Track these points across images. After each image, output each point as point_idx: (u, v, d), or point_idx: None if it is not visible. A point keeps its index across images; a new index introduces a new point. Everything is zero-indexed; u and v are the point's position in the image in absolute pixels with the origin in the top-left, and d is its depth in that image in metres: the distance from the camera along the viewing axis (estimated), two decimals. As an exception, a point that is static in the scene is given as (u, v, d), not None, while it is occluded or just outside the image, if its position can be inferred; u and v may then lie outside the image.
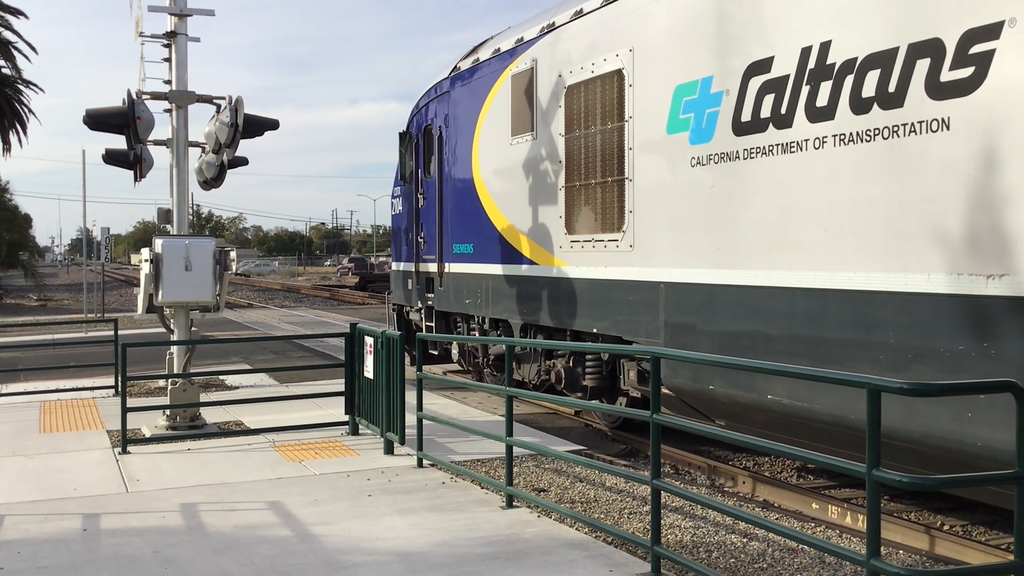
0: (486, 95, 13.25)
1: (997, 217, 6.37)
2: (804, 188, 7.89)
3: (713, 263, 8.89)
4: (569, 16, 11.32)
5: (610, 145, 10.41)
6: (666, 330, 9.55)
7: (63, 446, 10.45)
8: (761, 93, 8.32)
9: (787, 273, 8.04)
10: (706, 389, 9.05)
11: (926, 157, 6.82)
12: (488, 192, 13.20)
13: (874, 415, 4.54)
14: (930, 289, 6.79)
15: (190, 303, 11.26)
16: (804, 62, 7.88)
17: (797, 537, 5.24)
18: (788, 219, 8.04)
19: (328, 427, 11.08)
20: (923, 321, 6.85)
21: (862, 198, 7.33)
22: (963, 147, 6.57)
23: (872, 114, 7.23)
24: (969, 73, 6.52)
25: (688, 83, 9.20)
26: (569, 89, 11.15)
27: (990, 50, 6.39)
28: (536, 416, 12.61)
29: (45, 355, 18.83)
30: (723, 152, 8.74)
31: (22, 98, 35.50)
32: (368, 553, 6.68)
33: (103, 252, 31.65)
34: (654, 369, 6.17)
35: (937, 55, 6.74)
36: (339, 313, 33.60)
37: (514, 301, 12.53)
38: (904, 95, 6.96)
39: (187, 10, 11.38)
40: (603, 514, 7.90)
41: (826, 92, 7.64)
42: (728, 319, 8.74)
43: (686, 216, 9.25)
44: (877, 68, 7.20)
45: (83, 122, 11.23)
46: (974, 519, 8.16)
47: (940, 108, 6.71)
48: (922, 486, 4.69)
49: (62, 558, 6.63)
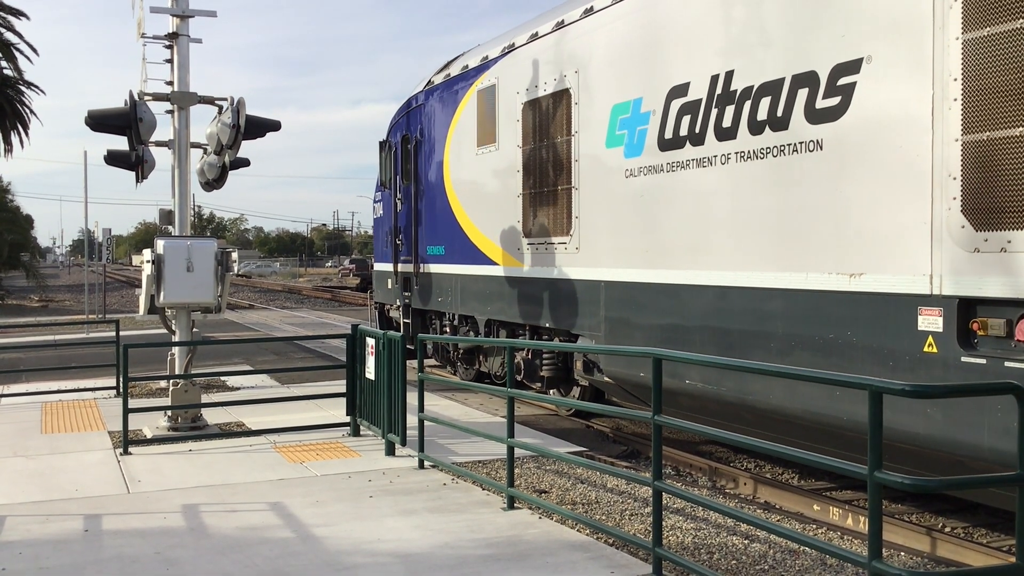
0: (455, 108, 14.39)
1: (856, 224, 7.47)
2: (714, 198, 8.97)
3: (643, 264, 10.00)
4: (526, 38, 12.41)
5: (560, 157, 11.53)
6: (606, 324, 10.66)
7: (64, 447, 10.46)
8: (680, 114, 9.40)
9: (701, 273, 9.14)
10: (638, 376, 10.11)
11: (804, 173, 7.95)
12: (457, 198, 14.30)
13: (875, 416, 4.54)
14: (807, 286, 7.93)
15: (191, 304, 11.26)
16: (713, 88, 8.97)
17: (798, 539, 5.24)
18: (702, 225, 9.12)
19: (329, 428, 11.08)
20: (802, 313, 7.99)
21: (757, 208, 8.44)
22: (832, 165, 7.67)
23: (765, 135, 8.34)
24: (837, 101, 7.61)
25: (623, 103, 10.30)
26: (526, 105, 12.28)
27: (853, 82, 7.46)
28: (537, 417, 12.61)
29: (47, 356, 18.85)
30: (651, 165, 9.85)
31: (24, 99, 35.54)
32: (369, 554, 6.68)
33: (105, 253, 31.65)
34: (655, 371, 6.16)
35: (813, 85, 7.85)
36: (340, 314, 33.61)
37: (480, 299, 13.64)
38: (789, 119, 8.08)
39: (189, 11, 11.39)
40: (604, 515, 7.90)
41: (730, 115, 8.74)
42: (656, 314, 9.84)
43: (622, 222, 10.34)
44: (769, 95, 8.30)
45: (85, 123, 11.24)
46: (975, 521, 8.16)
47: (815, 131, 7.82)
48: (923, 488, 4.68)
49: (64, 559, 6.64)
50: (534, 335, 12.58)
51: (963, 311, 6.68)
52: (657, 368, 6.15)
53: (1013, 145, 6.31)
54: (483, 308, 13.57)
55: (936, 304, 6.81)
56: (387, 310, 17.96)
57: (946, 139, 6.74)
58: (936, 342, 6.82)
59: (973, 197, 6.57)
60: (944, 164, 6.75)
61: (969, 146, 6.59)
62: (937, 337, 6.81)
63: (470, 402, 13.44)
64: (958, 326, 6.67)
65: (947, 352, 6.77)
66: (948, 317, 6.73)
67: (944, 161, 6.75)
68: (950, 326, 6.71)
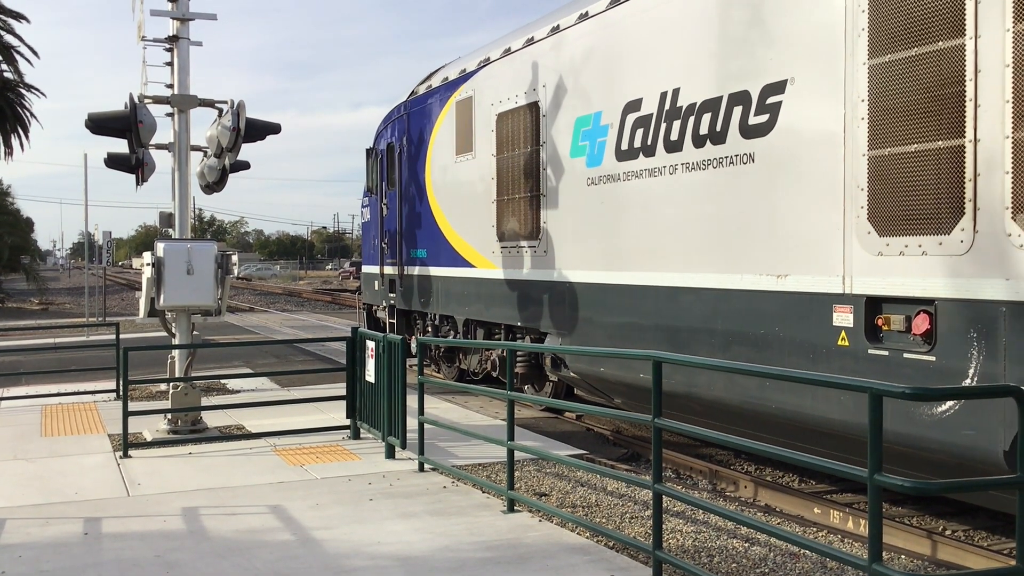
0: (436, 118, 15.20)
1: (783, 230, 8.17)
2: (664, 206, 9.70)
3: (604, 266, 10.70)
4: (500, 53, 13.20)
5: (529, 165, 12.27)
6: (572, 323, 11.34)
7: (64, 450, 10.46)
8: (635, 127, 10.10)
9: (654, 274, 9.84)
10: (598, 371, 10.88)
11: (740, 183, 8.63)
12: (438, 204, 15.10)
13: (875, 419, 4.54)
14: (742, 286, 8.62)
15: (191, 307, 11.25)
16: (663, 104, 9.68)
17: (799, 542, 5.23)
18: (654, 231, 9.85)
19: (329, 431, 11.08)
20: (738, 311, 8.67)
21: (700, 215, 9.16)
22: (763, 176, 8.38)
23: (706, 148, 9.04)
24: (766, 118, 8.32)
25: (585, 116, 11.05)
26: (499, 116, 13.04)
27: (779, 101, 8.19)
28: (537, 420, 12.61)
29: (47, 359, 18.83)
30: (609, 175, 10.56)
31: (24, 102, 35.56)
32: (369, 557, 6.68)
33: (105, 256, 31.66)
34: (655, 374, 6.16)
35: (746, 104, 8.55)
36: (340, 317, 33.60)
37: (458, 300, 14.41)
38: (726, 134, 8.77)
39: (189, 14, 11.39)
40: (604, 518, 7.90)
41: (677, 129, 9.45)
42: (616, 313, 10.50)
43: (585, 227, 11.09)
44: (709, 112, 9.00)
45: (85, 126, 11.24)
46: (976, 524, 8.15)
47: (748, 145, 8.53)
48: (923, 490, 4.69)
49: (63, 562, 6.63)
50: (508, 333, 13.20)
51: (870, 308, 7.35)
52: (657, 371, 6.15)
53: (909, 160, 6.99)
54: (461, 309, 14.29)
55: (848, 302, 7.53)
56: (374, 310, 18.79)
57: (855, 154, 7.43)
58: (848, 336, 7.53)
59: (877, 206, 7.26)
60: (854, 176, 7.44)
61: (873, 160, 7.27)
62: (848, 332, 7.52)
63: (470, 405, 13.43)
64: (866, 322, 7.36)
65: (857, 345, 7.43)
66: (857, 314, 7.43)
67: (854, 173, 7.44)
68: (859, 322, 7.41)
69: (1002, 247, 6.39)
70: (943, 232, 6.76)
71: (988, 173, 6.45)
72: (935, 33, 6.77)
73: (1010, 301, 6.34)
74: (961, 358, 6.67)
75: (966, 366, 6.63)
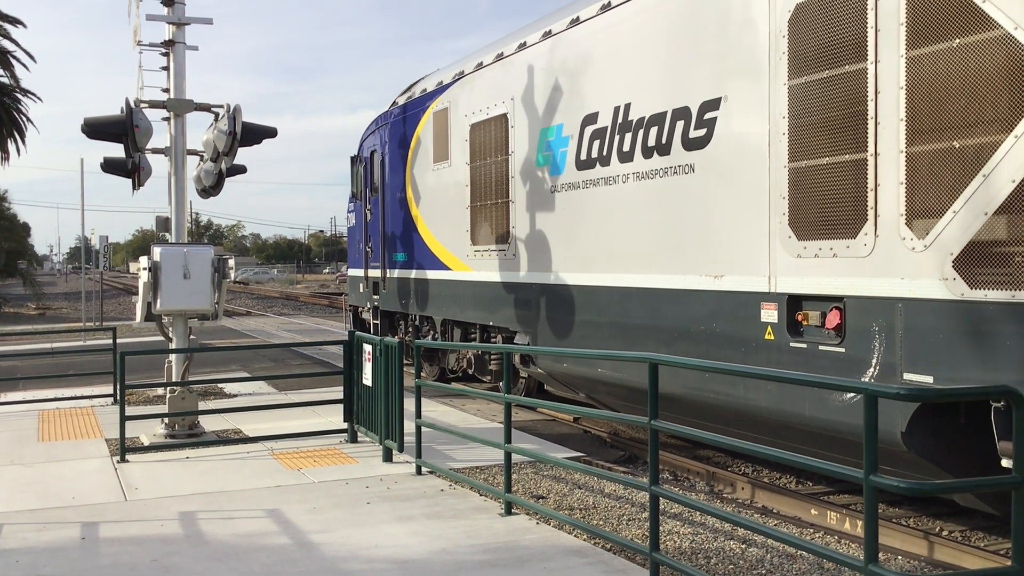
0: (416, 127, 15.93)
1: (719, 234, 8.88)
2: (618, 212, 10.42)
3: (567, 268, 11.47)
4: (473, 67, 13.95)
5: (499, 173, 13.00)
6: (539, 322, 12.10)
7: (61, 455, 10.45)
8: (592, 138, 10.83)
9: (610, 276, 10.58)
10: (561, 367, 11.71)
11: (682, 191, 9.39)
12: (417, 209, 15.86)
13: (871, 420, 4.56)
14: (685, 286, 9.37)
15: (188, 311, 11.25)
16: (616, 117, 10.40)
17: (795, 543, 5.24)
18: (610, 235, 10.58)
19: (326, 435, 11.07)
20: (681, 310, 9.42)
21: (649, 220, 9.89)
22: (702, 185, 9.14)
23: (654, 159, 9.78)
24: (704, 132, 9.06)
25: (548, 127, 11.79)
26: (473, 126, 13.74)
27: (715, 116, 8.93)
28: (535, 423, 12.61)
29: (44, 364, 18.80)
30: (570, 183, 11.30)
31: (20, 107, 35.57)
32: (367, 561, 6.68)
33: (102, 260, 31.66)
34: (652, 376, 6.17)
35: (687, 118, 9.29)
36: (338, 321, 33.56)
37: (436, 302, 15.12)
38: (671, 145, 9.52)
39: (185, 19, 11.39)
40: (602, 520, 7.91)
41: (628, 140, 10.16)
42: (579, 312, 11.24)
43: (549, 231, 11.83)
44: (656, 125, 9.74)
45: (81, 131, 11.24)
46: (973, 524, 8.17)
47: (689, 157, 9.28)
48: (919, 491, 4.71)
49: (61, 567, 6.63)
50: (483, 333, 13.87)
51: (791, 306, 8.07)
52: (653, 373, 6.16)
53: (822, 171, 7.71)
54: (439, 310, 15.04)
55: (773, 300, 8.25)
56: (360, 312, 19.64)
57: (778, 165, 8.14)
58: (773, 331, 8.25)
59: (796, 213, 7.99)
60: (777, 186, 8.17)
61: (793, 171, 7.99)
62: (774, 327, 8.24)
63: (467, 408, 13.44)
64: (788, 318, 8.08)
65: (781, 339, 8.15)
66: (781, 310, 8.15)
67: (776, 183, 8.17)
68: (782, 318, 8.13)
69: (898, 250, 7.08)
70: (850, 236, 7.47)
71: (886, 184, 7.14)
72: (843, 57, 7.48)
73: (904, 298, 7.05)
74: (866, 350, 7.38)
75: (870, 357, 7.35)
